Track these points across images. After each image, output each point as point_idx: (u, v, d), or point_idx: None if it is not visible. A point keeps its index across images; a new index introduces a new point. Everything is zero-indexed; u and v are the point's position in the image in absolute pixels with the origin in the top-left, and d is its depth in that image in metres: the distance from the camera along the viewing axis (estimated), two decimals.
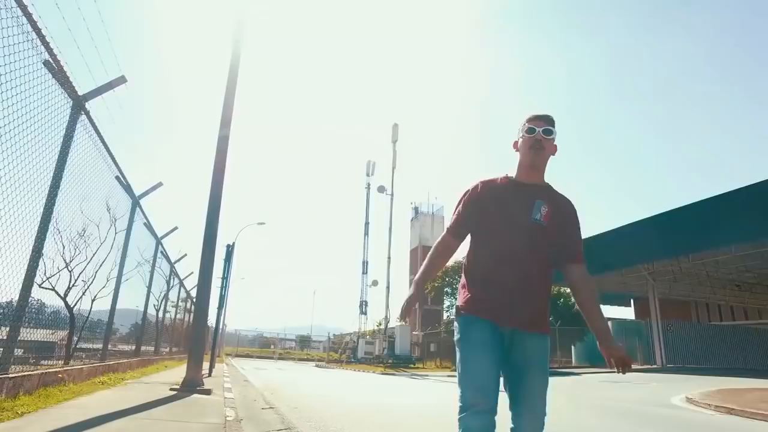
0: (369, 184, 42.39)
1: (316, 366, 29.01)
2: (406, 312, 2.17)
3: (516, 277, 1.91)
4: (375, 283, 39.67)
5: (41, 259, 4.47)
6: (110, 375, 7.37)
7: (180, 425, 3.87)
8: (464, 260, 2.12)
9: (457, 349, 1.94)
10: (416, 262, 52.59)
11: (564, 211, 2.06)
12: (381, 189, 40.67)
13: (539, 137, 2.02)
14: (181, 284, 16.96)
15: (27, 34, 3.38)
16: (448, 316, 37.44)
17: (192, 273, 16.57)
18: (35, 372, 4.57)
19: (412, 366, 28.04)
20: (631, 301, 39.58)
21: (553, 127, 2.04)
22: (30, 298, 4.22)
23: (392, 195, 39.30)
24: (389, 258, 37.35)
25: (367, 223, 41.60)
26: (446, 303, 37.26)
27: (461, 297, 2.04)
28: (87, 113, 5.14)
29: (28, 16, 3.32)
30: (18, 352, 4.37)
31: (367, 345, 34.20)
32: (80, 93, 4.88)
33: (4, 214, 3.49)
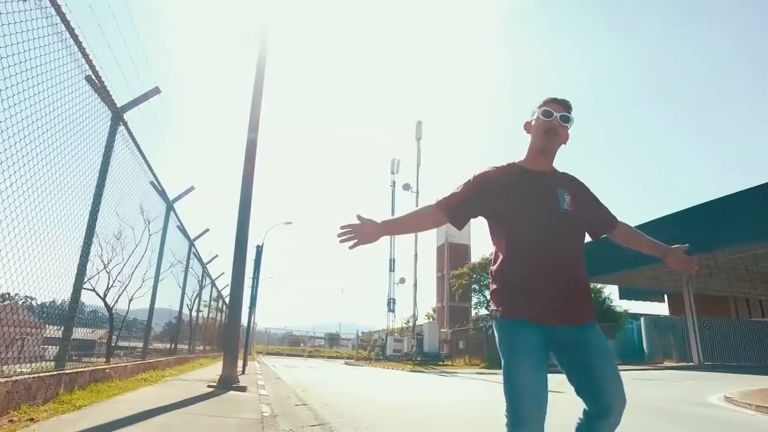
0: (394, 182, 42.41)
1: (345, 364, 29.34)
2: (345, 233, 1.92)
3: (555, 271, 1.77)
4: (402, 280, 39.73)
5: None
6: (151, 372, 7.71)
7: (219, 420, 4.06)
8: (491, 257, 1.99)
9: (501, 355, 1.78)
10: (443, 259, 52.36)
11: (579, 194, 1.98)
12: (406, 187, 40.67)
13: (555, 122, 1.89)
14: (213, 284, 17.48)
15: (73, 55, 3.61)
16: (476, 313, 37.12)
17: (223, 273, 17.08)
18: (87, 369, 4.87)
19: (440, 363, 28.01)
20: (665, 296, 38.49)
21: (571, 113, 1.90)
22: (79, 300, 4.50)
23: (417, 192, 39.31)
24: (416, 255, 37.39)
25: None
26: (474, 300, 36.92)
27: (497, 299, 1.85)
28: (125, 124, 5.41)
29: (75, 38, 3.54)
30: None
31: (396, 342, 34.30)
32: (119, 105, 5.14)
33: (59, 220, 3.75)
